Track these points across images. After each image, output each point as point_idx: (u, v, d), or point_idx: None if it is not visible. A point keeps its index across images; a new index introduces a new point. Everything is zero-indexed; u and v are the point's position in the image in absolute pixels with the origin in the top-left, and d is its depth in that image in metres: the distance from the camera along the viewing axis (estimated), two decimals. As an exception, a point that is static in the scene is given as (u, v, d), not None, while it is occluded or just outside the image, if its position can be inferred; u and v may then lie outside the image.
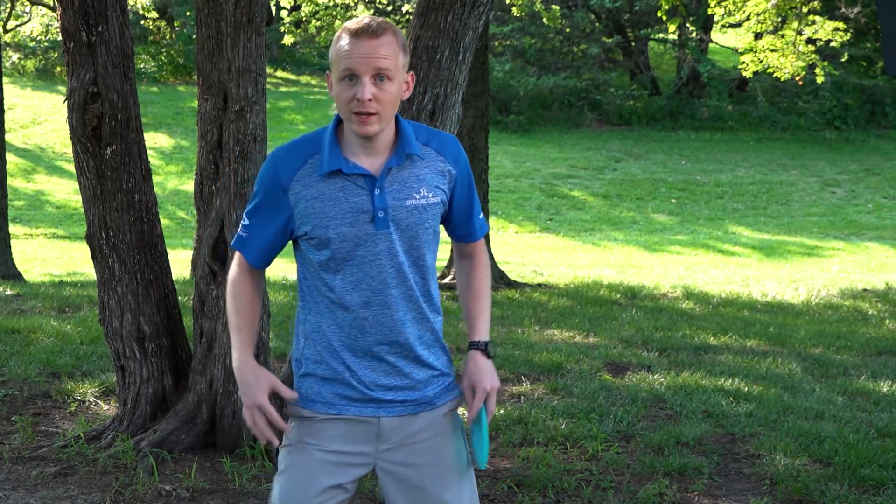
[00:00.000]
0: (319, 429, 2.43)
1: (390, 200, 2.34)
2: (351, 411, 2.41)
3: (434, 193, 2.39)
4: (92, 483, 4.29)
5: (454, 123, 4.65)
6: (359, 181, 2.34)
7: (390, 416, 2.42)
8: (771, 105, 28.50)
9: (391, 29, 2.30)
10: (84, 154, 4.69)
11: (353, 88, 2.27)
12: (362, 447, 2.43)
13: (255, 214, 2.42)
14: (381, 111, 2.28)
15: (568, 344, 7.87)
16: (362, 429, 2.42)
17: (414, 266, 2.40)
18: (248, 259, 2.46)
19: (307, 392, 2.45)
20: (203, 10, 4.59)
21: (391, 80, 2.28)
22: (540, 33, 28.98)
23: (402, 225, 2.36)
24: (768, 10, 13.45)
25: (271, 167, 2.38)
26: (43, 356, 6.41)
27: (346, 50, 2.27)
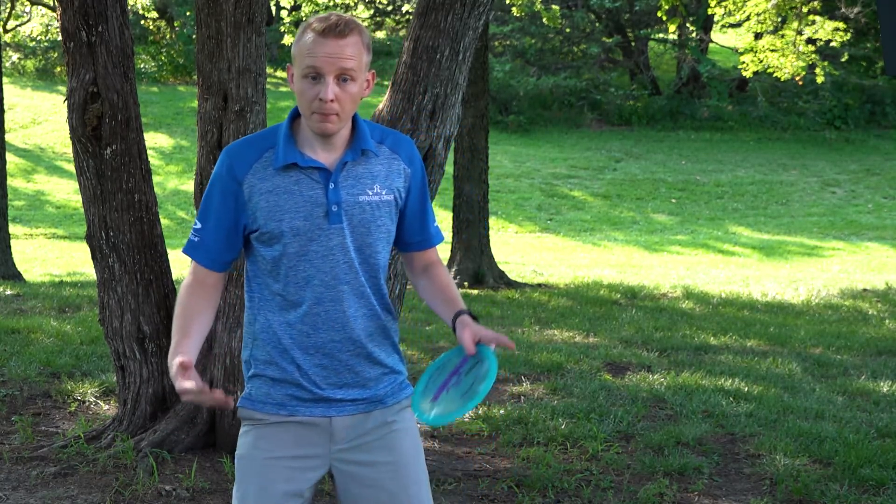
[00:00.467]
0: (272, 433, 2.41)
1: (344, 195, 2.34)
2: (301, 412, 2.39)
3: (388, 191, 2.39)
4: (92, 483, 4.29)
5: (454, 123, 4.65)
6: (314, 174, 2.34)
7: (341, 415, 2.40)
8: (771, 105, 28.50)
9: (357, 28, 2.30)
10: (84, 154, 4.69)
11: (315, 87, 2.27)
12: (315, 449, 2.40)
13: (207, 214, 2.38)
14: (341, 111, 2.29)
15: (568, 344, 7.87)
16: (314, 430, 2.40)
17: (365, 263, 2.39)
18: (202, 262, 2.38)
19: (257, 394, 2.43)
20: (203, 10, 4.59)
21: (354, 81, 2.29)
22: (540, 33, 28.97)
23: (355, 221, 2.35)
24: (768, 10, 13.46)
25: (225, 162, 2.36)
26: (43, 356, 6.41)
27: (311, 48, 2.27)
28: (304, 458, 2.40)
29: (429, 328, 8.41)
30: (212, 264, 2.39)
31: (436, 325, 8.63)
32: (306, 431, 2.40)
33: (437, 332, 8.13)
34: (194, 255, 2.39)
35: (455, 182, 12.14)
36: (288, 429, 2.40)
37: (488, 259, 12.00)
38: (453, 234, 12.13)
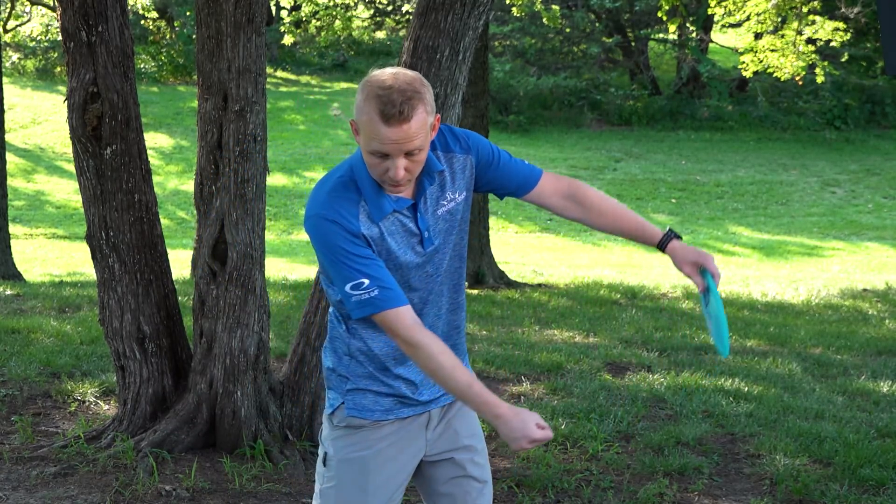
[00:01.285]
0: (379, 434, 2.53)
1: (429, 219, 2.43)
2: (405, 413, 2.54)
3: (459, 191, 2.48)
4: (92, 483, 4.30)
5: (454, 123, 4.65)
6: (405, 211, 2.41)
7: (437, 407, 2.59)
8: (771, 105, 28.49)
9: (420, 101, 2.26)
10: (84, 154, 4.69)
11: (384, 163, 2.30)
12: (417, 440, 2.57)
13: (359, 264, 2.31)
14: (412, 177, 2.35)
15: (568, 344, 7.87)
16: (415, 424, 2.56)
17: (455, 261, 2.52)
18: (401, 302, 2.32)
19: (363, 402, 2.53)
20: (203, 10, 4.59)
21: (422, 151, 2.31)
22: (540, 33, 28.96)
23: (442, 234, 2.46)
24: (768, 10, 13.45)
25: (330, 223, 2.31)
26: (43, 356, 6.40)
27: (377, 131, 2.25)
28: (407, 456, 2.56)
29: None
30: (404, 299, 2.35)
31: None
32: (409, 426, 2.55)
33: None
34: (388, 304, 2.31)
35: (455, 182, 12.12)
36: (391, 427, 2.54)
37: (488, 259, 12.00)
38: (453, 234, 12.12)
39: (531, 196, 2.57)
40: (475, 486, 2.62)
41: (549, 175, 2.58)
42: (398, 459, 2.55)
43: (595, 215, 2.58)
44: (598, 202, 2.57)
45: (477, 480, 2.63)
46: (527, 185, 2.55)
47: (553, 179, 2.58)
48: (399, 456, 2.55)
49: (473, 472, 2.63)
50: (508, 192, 2.56)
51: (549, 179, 2.57)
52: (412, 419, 2.55)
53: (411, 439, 2.56)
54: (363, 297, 2.31)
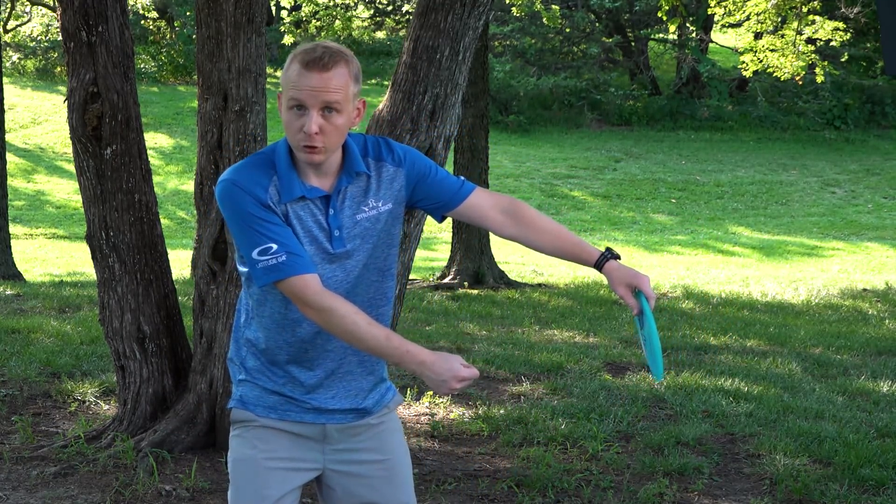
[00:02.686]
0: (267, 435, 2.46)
1: (344, 219, 2.37)
2: (292, 417, 2.45)
3: (384, 201, 2.42)
4: (92, 483, 4.30)
5: (454, 123, 4.65)
6: (317, 202, 2.36)
7: (332, 423, 2.47)
8: (771, 105, 28.48)
9: (343, 59, 2.29)
10: (84, 154, 4.69)
11: (300, 119, 2.28)
12: (310, 452, 2.48)
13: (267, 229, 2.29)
14: (327, 143, 2.30)
15: (568, 344, 7.87)
16: (308, 433, 2.47)
17: (371, 274, 2.44)
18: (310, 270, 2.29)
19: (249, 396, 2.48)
20: (203, 10, 4.59)
21: (340, 113, 2.29)
22: (540, 33, 28.96)
23: (357, 240, 2.39)
24: (768, 10, 13.45)
25: (239, 189, 2.30)
26: (43, 356, 6.41)
27: (296, 80, 2.27)
28: (300, 461, 2.46)
29: (429, 328, 8.41)
30: (312, 267, 2.32)
31: (436, 325, 8.64)
32: (301, 434, 2.45)
33: (436, 333, 8.13)
34: (296, 270, 2.28)
35: (455, 182, 12.11)
36: (282, 432, 2.45)
37: (488, 259, 12.00)
38: (453, 234, 12.13)
39: (465, 208, 2.49)
40: None
41: (485, 191, 2.54)
42: (291, 465, 2.45)
43: (534, 233, 2.51)
44: (537, 221, 2.51)
45: None
46: (457, 197, 2.49)
47: (490, 195, 2.54)
48: (292, 463, 2.45)
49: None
50: (440, 204, 2.49)
51: (484, 194, 2.53)
52: (305, 426, 2.45)
53: (305, 449, 2.46)
54: (270, 263, 2.27)
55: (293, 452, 2.45)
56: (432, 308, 9.72)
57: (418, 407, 5.66)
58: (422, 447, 4.95)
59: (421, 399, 5.76)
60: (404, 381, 6.17)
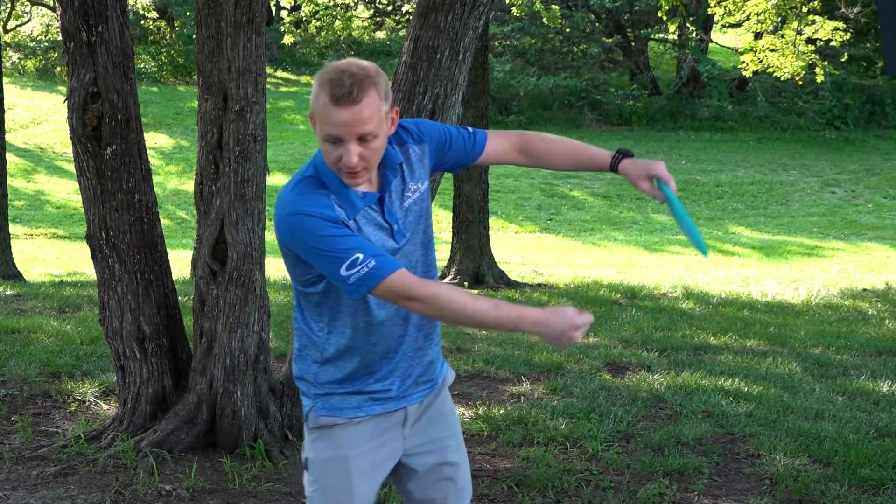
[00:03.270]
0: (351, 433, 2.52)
1: (396, 211, 2.44)
2: (377, 410, 2.53)
3: (421, 181, 2.50)
4: (92, 483, 4.30)
5: (454, 123, 4.65)
6: (373, 205, 2.42)
7: (412, 404, 2.57)
8: (771, 105, 28.49)
9: (371, 84, 2.26)
10: (84, 154, 4.69)
11: (338, 150, 2.29)
12: (393, 436, 2.56)
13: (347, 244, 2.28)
14: (368, 165, 2.32)
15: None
16: (391, 420, 2.55)
17: (425, 247, 2.53)
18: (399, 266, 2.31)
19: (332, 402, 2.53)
20: (203, 10, 4.60)
21: (377, 137, 2.30)
22: (540, 33, 28.97)
23: (411, 224, 2.47)
24: (768, 10, 13.45)
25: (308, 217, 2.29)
26: (43, 356, 6.40)
27: (328, 115, 2.25)
28: (384, 454, 2.56)
29: (429, 328, 8.41)
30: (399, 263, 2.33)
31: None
32: (382, 422, 2.54)
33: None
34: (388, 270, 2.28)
35: (455, 182, 12.14)
36: (366, 426, 2.53)
37: (488, 259, 12.00)
38: (453, 234, 12.13)
39: (484, 159, 2.61)
40: (452, 488, 2.64)
41: (495, 135, 2.63)
42: (377, 457, 2.54)
43: (548, 159, 2.65)
44: (548, 147, 2.64)
45: (455, 483, 2.64)
46: (474, 152, 2.59)
47: (502, 138, 2.63)
48: (377, 453, 2.54)
49: (451, 474, 2.63)
50: (460, 161, 2.60)
51: (496, 140, 2.62)
52: (386, 416, 2.53)
53: (388, 438, 2.55)
54: (361, 273, 2.26)
55: (378, 448, 2.53)
56: (432, 308, 9.70)
57: (418, 407, 5.65)
58: (422, 447, 4.94)
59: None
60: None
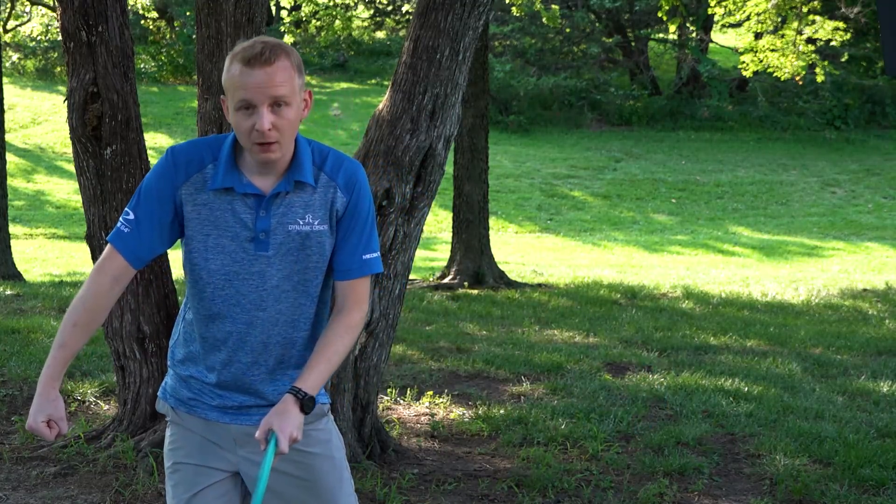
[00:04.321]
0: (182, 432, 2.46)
1: (273, 223, 2.32)
2: (200, 412, 2.43)
3: (321, 221, 2.35)
4: (92, 483, 4.30)
5: (454, 123, 4.65)
6: (248, 200, 2.33)
7: (238, 424, 2.41)
8: (771, 105, 28.48)
9: (283, 52, 2.27)
10: (84, 154, 4.69)
11: (250, 118, 2.25)
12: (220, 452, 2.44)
13: (141, 206, 2.33)
14: (280, 138, 2.27)
15: (568, 344, 7.87)
16: (217, 434, 2.43)
17: (294, 290, 2.36)
18: (126, 256, 2.33)
19: (169, 386, 2.49)
20: (203, 10, 4.60)
21: (289, 106, 2.27)
22: (540, 33, 28.96)
23: (283, 249, 2.33)
24: (768, 10, 13.45)
25: (169, 163, 2.34)
26: (43, 356, 6.40)
27: (240, 79, 2.24)
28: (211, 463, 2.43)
29: (429, 328, 8.41)
30: (134, 260, 2.34)
31: (436, 325, 8.64)
32: (213, 431, 2.42)
33: (436, 332, 8.13)
34: (120, 244, 2.33)
35: (455, 182, 12.14)
36: (196, 427, 2.44)
37: (488, 259, 12.00)
38: (453, 234, 12.13)
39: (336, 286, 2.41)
40: None
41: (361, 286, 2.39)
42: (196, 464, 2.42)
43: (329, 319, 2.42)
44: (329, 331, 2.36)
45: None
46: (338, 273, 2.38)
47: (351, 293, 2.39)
48: (198, 461, 2.42)
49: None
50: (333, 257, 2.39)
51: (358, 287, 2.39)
52: (214, 426, 2.41)
53: (216, 450, 2.42)
54: (118, 226, 2.34)
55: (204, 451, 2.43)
56: (432, 308, 9.72)
57: (418, 407, 5.66)
58: (422, 447, 4.95)
59: (421, 399, 5.76)
60: (404, 381, 6.17)
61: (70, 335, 2.33)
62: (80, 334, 2.34)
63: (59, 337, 2.35)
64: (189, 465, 2.43)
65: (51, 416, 2.31)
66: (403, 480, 4.41)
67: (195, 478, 2.43)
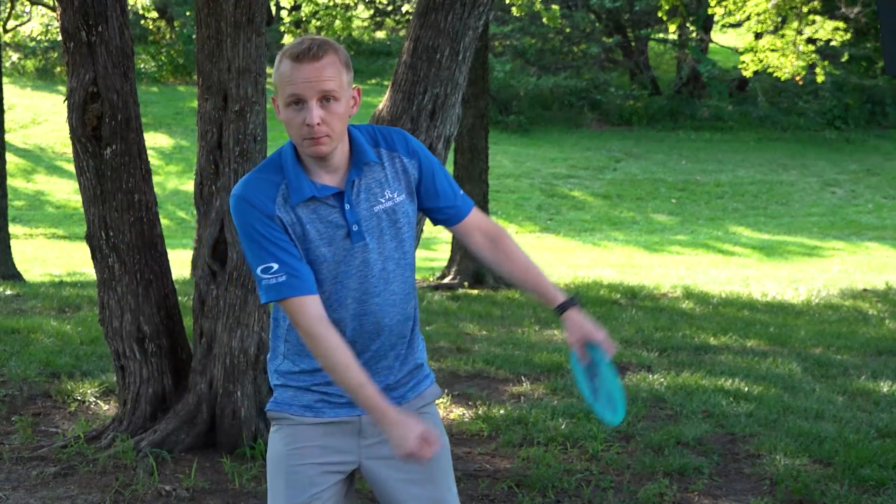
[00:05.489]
0: (300, 432, 2.45)
1: (361, 212, 2.37)
2: (328, 414, 2.44)
3: (399, 192, 2.42)
4: (92, 483, 4.30)
5: (454, 123, 4.65)
6: (329, 200, 2.36)
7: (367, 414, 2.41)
8: (771, 105, 28.49)
9: (331, 48, 2.31)
10: (84, 154, 4.69)
11: (300, 114, 2.29)
12: (344, 448, 2.45)
13: (269, 251, 2.31)
14: (331, 132, 2.31)
15: (568, 344, 7.86)
16: (342, 429, 2.45)
17: (396, 268, 2.43)
18: (308, 292, 2.31)
19: (282, 397, 2.49)
20: (203, 10, 4.60)
21: (338, 101, 2.31)
22: (540, 33, 28.96)
23: (376, 232, 2.39)
24: (768, 10, 13.45)
25: (246, 205, 2.33)
26: (43, 356, 6.40)
27: (290, 75, 2.28)
28: (332, 461, 2.45)
29: (429, 328, 8.41)
30: (313, 288, 2.33)
31: (436, 325, 8.64)
32: (335, 430, 2.45)
33: (436, 333, 8.13)
34: (293, 291, 2.30)
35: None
36: (316, 430, 2.45)
37: (488, 259, 11.99)
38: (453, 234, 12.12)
39: (464, 225, 2.54)
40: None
41: (479, 212, 2.56)
42: (319, 464, 2.44)
43: (507, 262, 2.52)
44: (513, 252, 2.52)
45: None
46: (459, 213, 2.53)
47: (483, 217, 2.57)
48: (320, 461, 2.44)
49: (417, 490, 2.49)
50: (439, 211, 2.51)
51: (479, 215, 2.56)
52: (339, 425, 2.44)
53: (339, 447, 2.45)
54: (271, 282, 2.31)
55: (326, 452, 2.44)
56: (432, 308, 9.72)
57: (418, 407, 5.65)
58: (422, 447, 4.94)
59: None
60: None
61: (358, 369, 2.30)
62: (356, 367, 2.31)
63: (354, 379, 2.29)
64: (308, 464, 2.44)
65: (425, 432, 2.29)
66: (403, 480, 4.40)
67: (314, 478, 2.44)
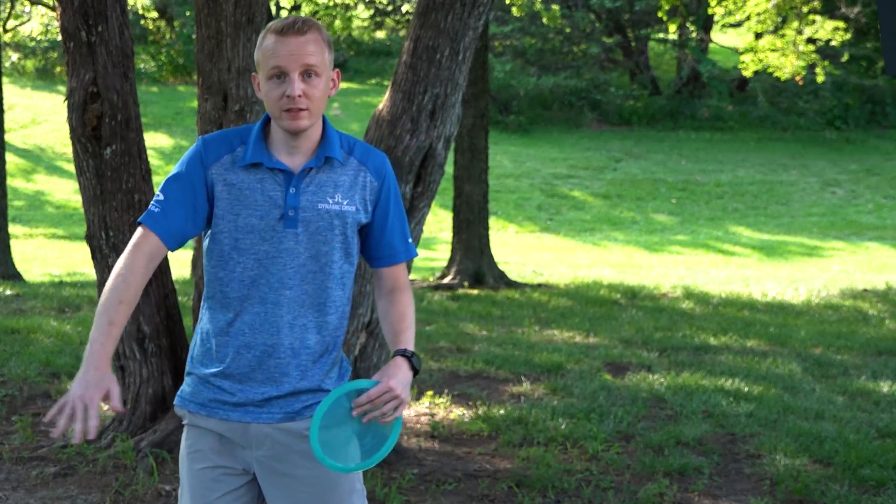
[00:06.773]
0: (199, 435, 2.42)
1: (303, 201, 2.35)
2: (220, 414, 2.39)
3: (349, 202, 2.38)
4: (92, 483, 4.30)
5: (454, 123, 4.65)
6: (277, 176, 2.35)
7: (258, 422, 2.37)
8: (771, 105, 28.49)
9: (315, 26, 2.34)
10: (84, 154, 4.69)
11: (282, 86, 2.30)
12: (235, 455, 2.41)
13: (171, 188, 2.36)
14: (310, 107, 2.32)
15: (568, 344, 7.87)
16: (233, 435, 2.39)
17: (318, 272, 2.37)
18: (159, 234, 2.32)
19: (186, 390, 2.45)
20: (203, 10, 4.59)
21: (319, 77, 2.32)
22: (540, 33, 28.97)
23: (311, 227, 2.35)
24: (768, 10, 13.45)
25: (200, 147, 2.39)
26: (43, 356, 6.40)
27: (273, 49, 2.30)
28: (227, 464, 2.40)
29: (429, 328, 8.41)
30: (168, 239, 2.34)
31: (436, 325, 8.64)
32: (228, 432, 2.39)
33: (436, 333, 8.13)
34: (153, 224, 2.33)
35: (455, 182, 12.15)
36: (211, 432, 2.40)
37: (488, 259, 12.01)
38: (453, 234, 12.13)
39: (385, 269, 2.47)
40: None
41: (405, 270, 2.49)
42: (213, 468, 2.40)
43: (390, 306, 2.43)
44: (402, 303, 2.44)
45: None
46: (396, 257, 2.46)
47: (405, 274, 2.50)
48: (217, 464, 2.40)
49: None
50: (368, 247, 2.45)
51: (405, 271, 2.49)
52: (231, 427, 2.38)
53: (231, 451, 2.40)
54: (150, 208, 2.35)
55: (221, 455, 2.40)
56: (432, 308, 9.72)
57: (418, 407, 5.66)
58: (422, 447, 4.95)
59: (421, 399, 5.76)
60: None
61: (116, 312, 2.29)
62: (126, 311, 2.30)
63: (104, 316, 2.28)
64: (207, 468, 2.40)
65: (109, 391, 2.30)
66: (403, 480, 4.41)
67: (212, 483, 2.40)
